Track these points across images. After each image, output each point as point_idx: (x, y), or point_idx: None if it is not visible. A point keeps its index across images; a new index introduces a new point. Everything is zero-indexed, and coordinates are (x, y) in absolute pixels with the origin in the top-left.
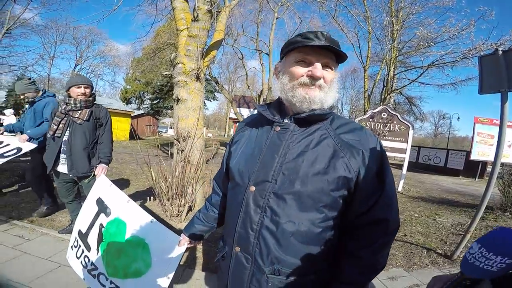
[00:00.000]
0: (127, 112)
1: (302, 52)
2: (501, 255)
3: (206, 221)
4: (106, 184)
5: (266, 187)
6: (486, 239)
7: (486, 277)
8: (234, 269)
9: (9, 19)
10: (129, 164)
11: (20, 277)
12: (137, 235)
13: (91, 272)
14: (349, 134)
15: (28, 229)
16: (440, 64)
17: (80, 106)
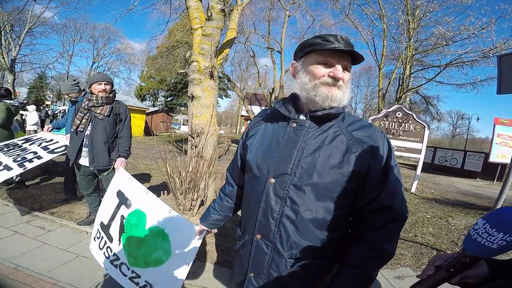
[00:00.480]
0: (142, 109)
1: (323, 55)
2: (503, 232)
3: (221, 210)
4: (126, 176)
5: (286, 179)
6: (491, 215)
7: (486, 255)
8: (255, 255)
9: (30, 18)
10: (143, 159)
11: (39, 267)
12: (157, 225)
13: (113, 262)
14: (359, 131)
15: (49, 220)
16: (459, 63)
17: (101, 102)
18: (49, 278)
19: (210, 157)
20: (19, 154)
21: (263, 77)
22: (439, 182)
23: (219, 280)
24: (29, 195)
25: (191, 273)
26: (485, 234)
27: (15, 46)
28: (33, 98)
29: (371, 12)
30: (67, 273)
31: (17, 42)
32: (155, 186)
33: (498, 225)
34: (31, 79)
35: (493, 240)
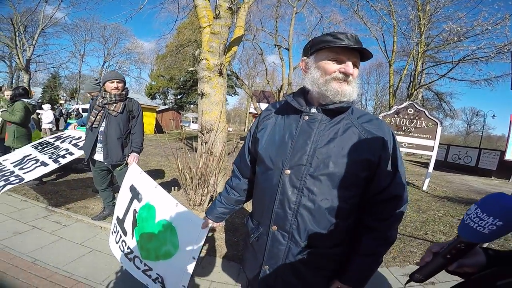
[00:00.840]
0: (152, 107)
1: (335, 51)
2: (493, 216)
3: (228, 203)
4: (137, 171)
5: (302, 169)
6: (483, 200)
7: (479, 240)
8: (271, 247)
9: (43, 19)
10: (154, 157)
11: (56, 261)
12: (165, 219)
13: (127, 255)
14: (369, 123)
15: (65, 215)
16: (473, 59)
17: (114, 100)
18: (65, 272)
19: (220, 153)
20: (53, 152)
21: (271, 74)
22: (451, 180)
23: (227, 274)
24: (46, 191)
25: (201, 267)
26: (477, 219)
27: (29, 46)
28: (47, 98)
29: (380, 8)
30: (82, 267)
31: (31, 42)
32: (166, 182)
33: (488, 210)
34: (45, 79)
35: (484, 224)
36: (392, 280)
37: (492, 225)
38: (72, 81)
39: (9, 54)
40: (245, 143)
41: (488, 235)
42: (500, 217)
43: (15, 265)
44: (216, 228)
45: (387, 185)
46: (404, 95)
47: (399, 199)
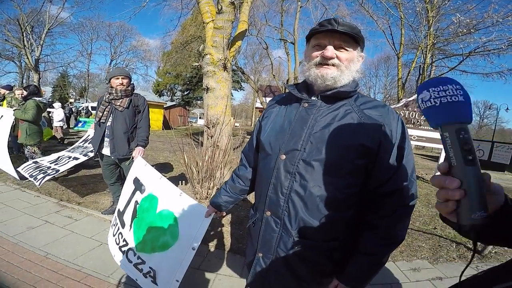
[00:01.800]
0: (160, 104)
1: (317, 38)
2: (426, 89)
3: (232, 192)
4: (142, 164)
5: (296, 154)
6: (427, 83)
7: (439, 120)
8: (264, 233)
9: (48, 19)
10: (162, 152)
11: (66, 254)
12: (167, 209)
13: (121, 248)
14: (372, 109)
15: (76, 210)
16: (483, 52)
17: (120, 95)
18: (75, 265)
19: (225, 147)
20: (83, 151)
21: (277, 68)
22: None
23: (232, 267)
24: (58, 187)
25: (206, 260)
26: (422, 102)
27: (37, 46)
28: (57, 96)
29: (386, 1)
30: (91, 260)
31: (38, 42)
32: (174, 177)
33: (423, 88)
34: (54, 78)
35: (428, 98)
36: (399, 275)
37: (457, 89)
38: (81, 80)
39: (18, 54)
40: (254, 132)
41: (440, 108)
42: (432, 85)
43: (28, 259)
44: (219, 218)
45: (389, 177)
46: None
47: (403, 194)
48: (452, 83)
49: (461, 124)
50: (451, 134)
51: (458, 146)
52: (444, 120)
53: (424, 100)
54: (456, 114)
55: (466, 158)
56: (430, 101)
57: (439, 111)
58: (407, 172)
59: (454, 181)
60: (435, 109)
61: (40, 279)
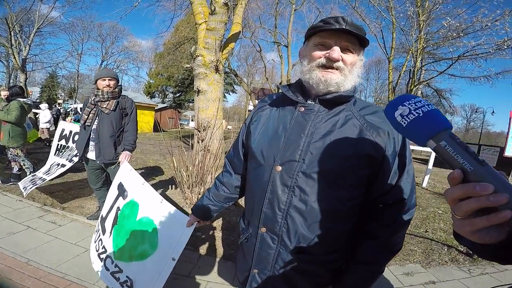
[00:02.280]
0: (151, 106)
1: (322, 36)
2: (400, 104)
3: (216, 200)
4: (127, 169)
5: (294, 166)
6: (397, 100)
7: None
8: (260, 250)
9: (38, 18)
10: (152, 155)
11: (49, 261)
12: (147, 216)
13: (100, 255)
14: (373, 115)
15: (60, 215)
16: (472, 56)
17: (107, 97)
18: (58, 272)
19: (216, 151)
20: (69, 154)
21: (270, 71)
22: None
23: (224, 274)
24: (42, 191)
25: (197, 267)
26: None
27: (25, 46)
28: (46, 97)
29: (379, 4)
30: (75, 267)
31: (27, 42)
32: (164, 181)
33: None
34: (43, 79)
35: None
36: (392, 280)
37: (425, 100)
38: (70, 81)
39: (5, 54)
40: (239, 135)
41: (437, 109)
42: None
43: (8, 266)
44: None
45: (392, 187)
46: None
47: (404, 204)
48: (415, 96)
49: (450, 130)
50: (448, 141)
51: (464, 151)
52: (437, 128)
53: (404, 115)
54: (442, 120)
55: (478, 160)
56: (413, 114)
57: (427, 121)
58: (408, 181)
59: (486, 185)
60: (421, 120)
61: (21, 287)
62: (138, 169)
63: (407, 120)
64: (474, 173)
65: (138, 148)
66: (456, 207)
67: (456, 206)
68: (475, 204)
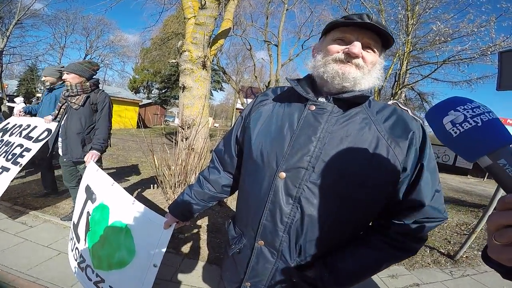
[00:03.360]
0: (135, 101)
1: (342, 31)
2: (453, 108)
3: (199, 199)
4: (94, 169)
5: (301, 174)
6: (452, 101)
7: (490, 145)
8: (255, 264)
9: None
10: (135, 152)
11: (19, 265)
12: (119, 220)
13: (80, 264)
14: (391, 120)
15: (32, 215)
16: (456, 61)
17: (76, 91)
18: (29, 276)
19: (201, 150)
20: (7, 151)
21: (259, 70)
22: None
23: (208, 278)
24: (12, 189)
25: (179, 271)
26: (475, 112)
27: (3, 38)
28: (24, 91)
29: (370, 6)
30: (48, 270)
31: (5, 34)
32: (145, 180)
33: (469, 101)
34: (21, 72)
35: (483, 111)
36: (378, 282)
37: (485, 105)
38: None
39: None
40: (233, 129)
41: (498, 118)
42: (458, 103)
43: None
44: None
45: (407, 193)
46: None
47: (424, 211)
48: (471, 100)
49: (510, 145)
50: (509, 159)
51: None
52: (497, 143)
53: (457, 123)
54: (504, 133)
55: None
56: (469, 122)
57: (486, 133)
58: (429, 185)
59: None
60: (478, 131)
61: None
62: (119, 166)
63: (459, 130)
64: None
65: (120, 145)
66: (500, 233)
67: (500, 232)
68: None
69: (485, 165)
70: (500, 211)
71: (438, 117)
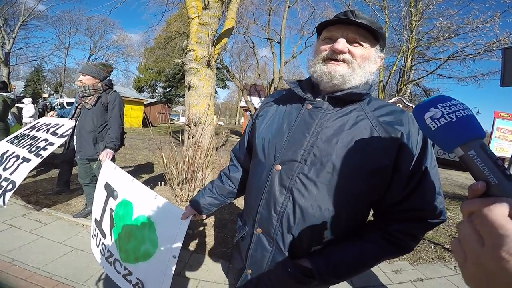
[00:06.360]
0: (140, 100)
1: (329, 30)
2: (433, 106)
3: (219, 193)
4: (111, 167)
5: (294, 167)
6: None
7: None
8: (254, 251)
9: (24, 12)
10: (141, 151)
11: (35, 261)
12: (143, 214)
13: (108, 259)
14: (388, 116)
15: (45, 213)
16: (461, 57)
17: (89, 92)
18: (45, 272)
19: (207, 147)
20: (31, 144)
21: (262, 68)
22: None
23: (216, 272)
24: (25, 188)
25: (188, 265)
26: (452, 108)
27: (9, 39)
28: (30, 91)
29: (373, 3)
30: (62, 267)
31: (11, 35)
32: (153, 177)
33: (447, 99)
34: (27, 73)
35: (460, 108)
36: (381, 277)
37: (462, 104)
38: (57, 75)
39: None
40: (246, 130)
41: (473, 115)
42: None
43: None
44: (199, 221)
45: (407, 195)
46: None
47: (423, 212)
48: (452, 98)
49: (482, 139)
50: (478, 151)
51: (493, 163)
52: (468, 136)
53: (435, 118)
54: (476, 128)
55: (506, 174)
56: (445, 118)
57: (459, 128)
58: (432, 187)
59: (508, 200)
60: (452, 125)
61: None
62: (127, 165)
63: (437, 124)
64: (498, 187)
65: (126, 144)
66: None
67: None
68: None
69: (459, 155)
70: (470, 199)
71: (421, 113)
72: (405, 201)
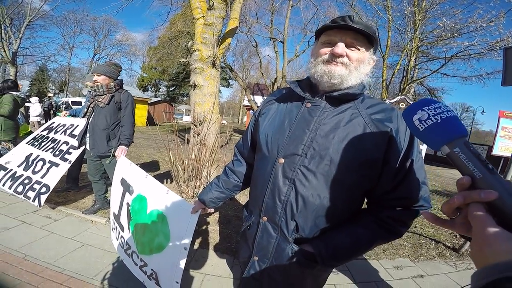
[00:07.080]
0: (144, 99)
1: (328, 34)
2: (420, 109)
3: (225, 187)
4: (127, 164)
5: (296, 160)
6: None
7: (446, 137)
8: (261, 239)
9: (30, 11)
10: (146, 149)
11: (46, 256)
12: (156, 208)
13: (126, 251)
14: (379, 114)
15: (55, 210)
16: (465, 56)
17: (102, 91)
18: (56, 267)
19: (212, 145)
20: (54, 148)
21: (265, 67)
22: (440, 174)
23: (220, 267)
24: None
25: (194, 260)
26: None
27: (16, 39)
28: (35, 91)
29: (376, 3)
30: (73, 262)
31: (17, 35)
32: (159, 175)
33: (433, 101)
34: (33, 72)
35: (444, 110)
36: (382, 273)
37: (446, 106)
38: (61, 74)
39: None
40: (248, 126)
41: (456, 116)
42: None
43: (5, 261)
44: (206, 215)
45: (395, 185)
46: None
47: (410, 200)
48: (436, 101)
49: (465, 137)
50: (462, 148)
51: (476, 158)
52: (453, 135)
53: (423, 120)
54: (459, 128)
55: (488, 168)
56: (431, 119)
57: (444, 128)
58: (417, 178)
59: (490, 192)
60: (438, 126)
61: (19, 282)
62: None
63: (424, 126)
64: (482, 180)
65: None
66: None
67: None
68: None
69: (445, 152)
70: (458, 192)
71: (409, 116)
72: (394, 191)
